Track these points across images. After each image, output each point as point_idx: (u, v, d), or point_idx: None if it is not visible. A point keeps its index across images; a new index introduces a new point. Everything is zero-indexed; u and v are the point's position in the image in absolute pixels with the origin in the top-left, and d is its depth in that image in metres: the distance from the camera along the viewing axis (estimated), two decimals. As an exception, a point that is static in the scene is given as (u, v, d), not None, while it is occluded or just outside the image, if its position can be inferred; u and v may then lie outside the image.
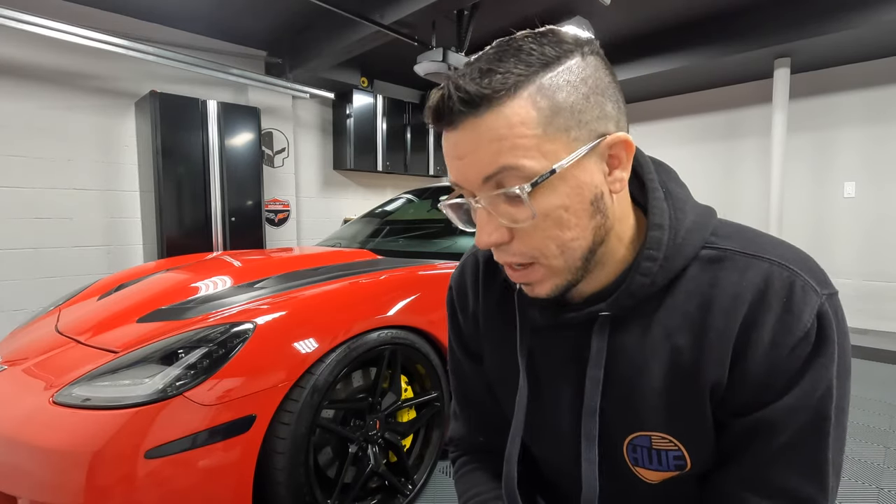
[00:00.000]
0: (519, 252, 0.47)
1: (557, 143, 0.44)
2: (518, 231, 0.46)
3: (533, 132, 0.43)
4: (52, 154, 3.15)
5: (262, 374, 1.17)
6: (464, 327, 0.68)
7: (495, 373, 0.64)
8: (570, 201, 0.45)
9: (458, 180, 0.47)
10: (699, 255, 0.49)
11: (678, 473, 0.51)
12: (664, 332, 0.49)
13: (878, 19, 3.00)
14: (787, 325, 0.44)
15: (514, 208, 0.45)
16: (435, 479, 1.66)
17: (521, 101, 0.43)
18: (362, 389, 1.45)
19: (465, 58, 3.17)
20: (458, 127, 0.45)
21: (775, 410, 0.45)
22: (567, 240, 0.46)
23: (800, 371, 0.44)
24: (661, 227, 0.49)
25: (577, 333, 0.53)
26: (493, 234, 0.47)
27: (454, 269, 0.71)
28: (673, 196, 0.52)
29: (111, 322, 1.43)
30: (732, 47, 3.51)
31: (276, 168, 4.16)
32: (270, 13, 3.42)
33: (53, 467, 1.01)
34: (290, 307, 1.33)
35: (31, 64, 3.04)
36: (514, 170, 0.43)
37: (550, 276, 0.48)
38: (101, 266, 3.38)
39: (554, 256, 0.47)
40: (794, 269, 0.46)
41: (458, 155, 0.46)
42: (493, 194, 0.45)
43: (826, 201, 4.04)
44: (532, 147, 0.43)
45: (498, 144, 0.43)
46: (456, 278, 0.69)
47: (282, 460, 1.18)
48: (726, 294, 0.47)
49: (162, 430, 1.04)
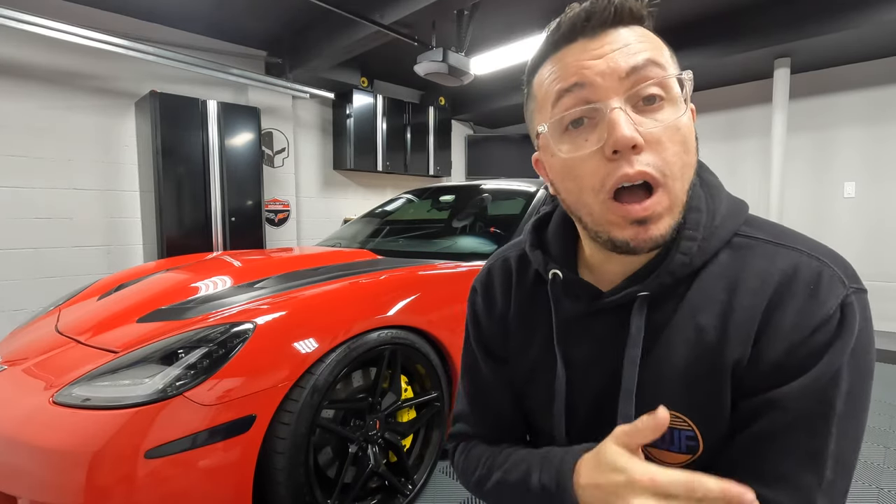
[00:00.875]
0: (652, 161, 0.45)
1: (675, 71, 0.48)
2: (651, 139, 0.45)
3: (667, 54, 0.48)
4: (52, 154, 3.15)
5: (262, 374, 1.17)
6: (486, 329, 0.67)
7: (525, 371, 0.63)
8: (689, 124, 0.48)
9: (590, 80, 0.46)
10: (731, 242, 0.50)
11: (690, 458, 0.50)
12: (690, 312, 0.50)
13: (878, 19, 3.00)
14: (809, 310, 0.44)
15: (657, 112, 0.46)
16: (435, 479, 1.66)
17: (651, 31, 0.49)
18: (362, 389, 1.45)
19: (465, 58, 3.17)
20: (601, 34, 0.47)
21: (782, 392, 0.45)
22: (687, 163, 0.47)
23: (815, 356, 0.44)
24: (699, 210, 0.50)
25: (613, 318, 0.54)
26: (634, 132, 0.45)
27: (478, 272, 0.72)
28: (708, 184, 0.54)
29: (111, 322, 1.43)
30: (732, 47, 3.51)
31: (276, 168, 4.16)
32: (270, 13, 3.42)
33: (53, 467, 1.01)
34: (290, 307, 1.33)
35: (31, 64, 3.04)
36: (659, 67, 0.46)
37: (670, 209, 0.47)
38: (101, 266, 3.38)
39: (677, 178, 0.46)
40: (825, 261, 0.47)
41: (599, 54, 0.46)
42: (641, 87, 0.46)
43: (826, 201, 4.04)
44: (667, 62, 0.47)
45: (645, 44, 0.46)
46: (482, 280, 0.70)
47: (282, 460, 1.18)
48: (754, 276, 0.48)
49: (162, 430, 1.04)
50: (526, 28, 3.44)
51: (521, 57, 3.52)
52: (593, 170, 0.47)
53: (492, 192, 2.46)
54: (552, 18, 0.50)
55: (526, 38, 3.36)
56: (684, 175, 0.47)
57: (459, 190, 2.64)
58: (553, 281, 0.58)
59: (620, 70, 0.45)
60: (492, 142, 5.85)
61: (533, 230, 0.64)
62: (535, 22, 3.39)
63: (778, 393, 0.45)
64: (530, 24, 3.43)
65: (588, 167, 0.47)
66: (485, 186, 2.52)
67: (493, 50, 3.50)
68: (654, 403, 0.49)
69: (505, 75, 4.02)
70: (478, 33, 3.32)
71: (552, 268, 0.58)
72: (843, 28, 3.11)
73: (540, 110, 0.52)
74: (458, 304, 1.65)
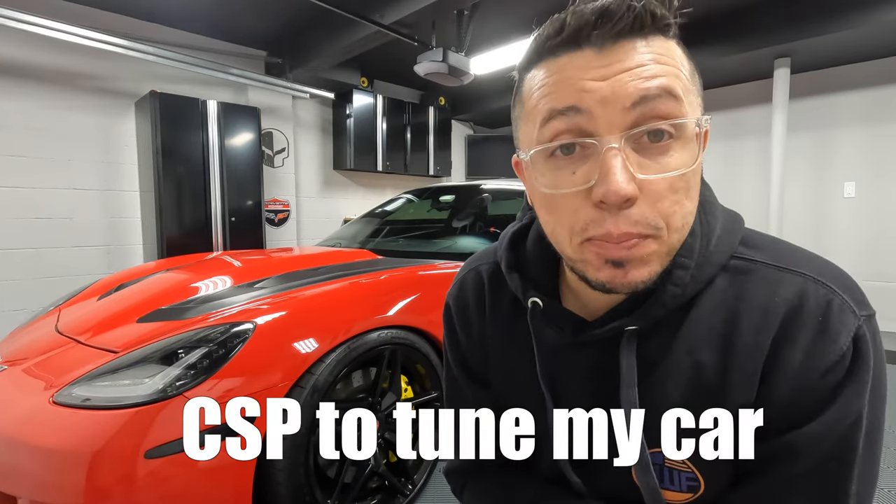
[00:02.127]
0: (644, 219, 0.38)
1: (694, 99, 0.40)
2: (648, 189, 0.38)
3: (685, 75, 0.40)
4: (52, 154, 3.14)
5: (262, 374, 1.17)
6: (466, 350, 0.62)
7: (509, 399, 0.57)
8: (697, 167, 0.40)
9: (588, 107, 0.38)
10: (727, 265, 0.45)
11: (691, 497, 0.48)
12: (686, 347, 0.45)
13: (878, 19, 3.00)
14: (820, 348, 0.40)
15: (663, 155, 0.38)
16: (435, 479, 1.66)
17: (677, 44, 0.41)
18: (362, 389, 1.44)
19: (465, 58, 3.17)
20: (611, 45, 0.38)
21: (799, 436, 0.41)
22: (688, 211, 0.41)
23: (830, 397, 0.40)
24: (693, 234, 0.44)
25: (600, 351, 0.49)
26: (630, 183, 0.37)
27: (450, 287, 0.64)
28: (702, 200, 0.46)
29: (111, 322, 1.43)
30: (732, 47, 3.51)
31: (276, 168, 4.16)
32: (270, 13, 3.42)
33: (53, 467, 1.01)
34: (290, 307, 1.33)
35: (31, 64, 3.03)
36: (673, 100, 0.38)
37: (658, 256, 0.41)
38: (101, 266, 3.38)
39: (676, 229, 0.40)
40: (832, 287, 0.42)
41: (604, 75, 0.38)
42: (646, 129, 0.38)
43: (826, 201, 4.03)
44: (684, 90, 0.39)
45: (665, 67, 0.38)
46: (454, 296, 0.62)
47: (282, 460, 1.18)
48: (755, 309, 0.43)
49: (162, 430, 1.04)
50: (526, 28, 3.44)
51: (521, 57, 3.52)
52: (574, 210, 0.41)
53: (492, 192, 2.47)
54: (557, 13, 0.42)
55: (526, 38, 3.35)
56: (683, 226, 0.41)
57: (459, 190, 2.64)
58: (533, 310, 0.51)
59: (627, 98, 0.38)
60: (492, 142, 5.84)
61: (509, 247, 0.56)
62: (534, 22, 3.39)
63: (793, 437, 0.41)
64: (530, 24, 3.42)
65: (569, 206, 0.41)
66: (485, 186, 2.52)
67: (493, 50, 3.49)
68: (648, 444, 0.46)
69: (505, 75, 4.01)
70: (478, 33, 3.32)
71: (531, 295, 0.51)
72: (843, 28, 3.11)
73: (525, 121, 0.45)
74: (458, 304, 1.65)
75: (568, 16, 0.40)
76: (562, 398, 0.52)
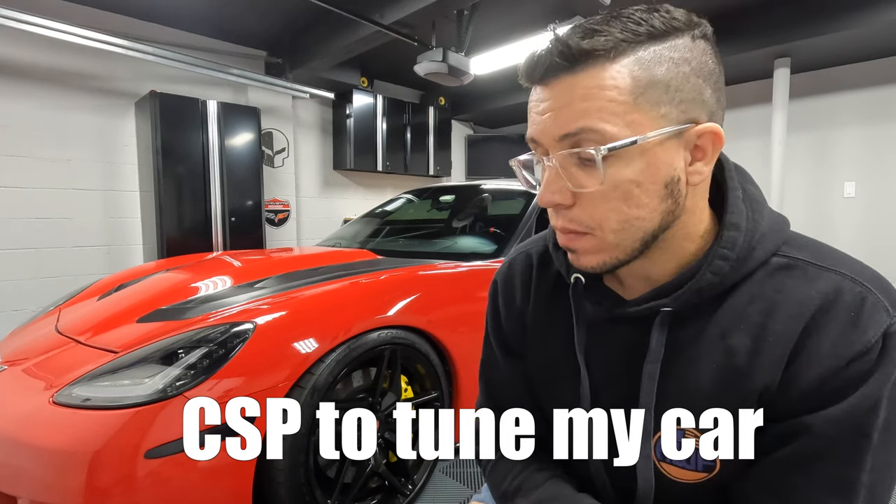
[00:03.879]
0: (577, 219, 0.47)
1: (645, 115, 0.43)
2: (582, 197, 0.46)
3: (623, 99, 0.43)
4: (52, 154, 3.14)
5: (262, 374, 1.17)
6: (505, 324, 0.67)
7: (543, 370, 0.62)
8: (644, 178, 0.45)
9: (535, 136, 0.48)
10: (769, 262, 0.48)
11: (705, 477, 0.50)
12: (720, 332, 0.48)
13: (878, 19, 3.00)
14: (849, 338, 0.43)
15: (584, 173, 0.45)
16: (435, 479, 1.66)
17: (618, 67, 0.43)
18: (362, 389, 1.44)
19: (465, 58, 3.17)
20: (550, 82, 0.45)
21: (817, 418, 0.43)
22: (631, 217, 0.46)
23: (853, 385, 0.42)
24: (737, 228, 0.48)
25: (635, 328, 0.52)
26: (556, 194, 0.47)
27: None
28: (751, 198, 0.51)
29: (111, 322, 1.43)
30: (732, 47, 3.51)
31: (276, 168, 4.16)
32: (271, 13, 3.42)
33: (53, 467, 1.01)
34: (291, 307, 1.33)
35: (30, 64, 3.03)
36: (595, 133, 0.43)
37: (600, 249, 0.48)
38: (101, 266, 3.38)
39: (612, 231, 0.47)
40: (868, 287, 0.45)
41: (542, 110, 0.46)
42: (566, 153, 0.45)
43: (826, 201, 4.03)
44: (619, 114, 0.43)
45: (585, 105, 0.43)
46: (503, 273, 0.69)
47: (282, 460, 1.18)
48: (791, 300, 0.46)
49: (162, 430, 1.04)
50: (526, 28, 3.44)
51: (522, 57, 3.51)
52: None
53: (492, 192, 2.47)
54: (552, 19, 0.49)
55: (526, 39, 3.35)
56: (627, 227, 0.46)
57: (459, 190, 2.64)
58: (575, 285, 0.56)
59: (554, 137, 0.45)
60: (492, 142, 5.85)
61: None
62: (535, 22, 3.39)
63: (810, 418, 0.43)
64: (530, 24, 3.42)
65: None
66: (485, 186, 2.52)
67: (493, 50, 3.49)
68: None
69: (505, 75, 4.02)
70: (478, 33, 3.32)
71: (575, 271, 0.56)
72: (843, 28, 3.11)
73: None
74: (459, 304, 1.65)
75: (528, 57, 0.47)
76: (593, 368, 0.56)
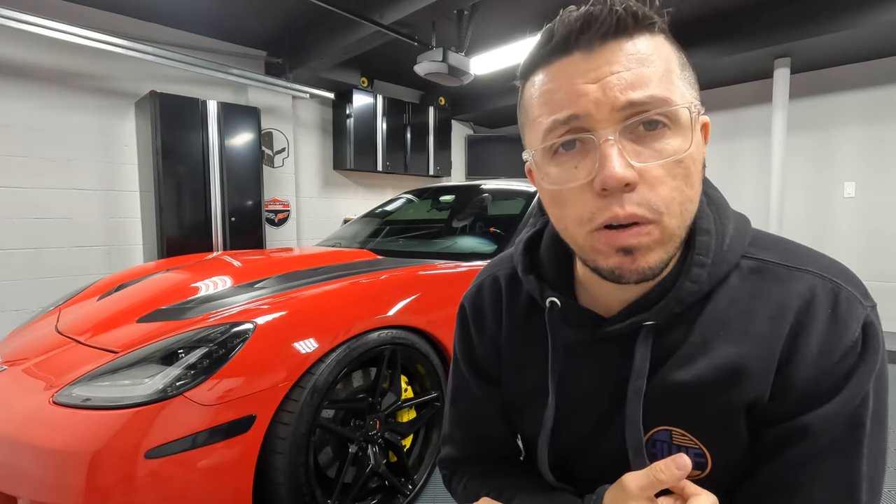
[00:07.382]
0: (647, 202, 0.41)
1: (688, 91, 0.43)
2: (647, 175, 0.41)
3: (677, 71, 0.42)
4: (52, 154, 3.14)
5: (262, 374, 1.17)
6: (478, 349, 0.64)
7: (520, 396, 0.60)
8: (697, 154, 0.43)
9: (585, 110, 0.41)
10: (739, 264, 0.48)
11: (699, 475, 0.49)
12: (703, 340, 0.47)
13: (878, 19, 3.00)
14: (835, 335, 0.43)
15: (657, 141, 0.41)
16: (435, 479, 1.66)
17: (665, 39, 0.43)
18: (362, 389, 1.45)
19: (465, 58, 3.17)
20: (598, 49, 0.41)
21: (813, 418, 0.44)
22: (687, 198, 0.43)
23: (843, 380, 0.43)
24: (708, 233, 0.48)
25: (617, 346, 0.51)
26: (628, 168, 0.40)
27: (468, 289, 0.67)
28: (714, 202, 0.50)
29: (111, 322, 1.43)
30: (732, 47, 3.51)
31: (276, 168, 4.16)
32: (271, 13, 3.42)
33: (53, 467, 1.01)
34: (291, 307, 1.33)
35: (30, 64, 3.03)
36: (664, 102, 0.40)
37: (662, 243, 0.43)
38: (101, 266, 3.38)
39: (675, 215, 0.42)
40: (838, 282, 0.46)
41: (595, 78, 0.41)
42: (639, 119, 0.40)
43: (826, 201, 4.03)
44: (677, 84, 0.42)
45: (648, 70, 0.40)
46: (471, 298, 0.65)
47: (282, 460, 1.18)
48: (770, 304, 0.46)
49: (162, 430, 1.04)
50: (526, 28, 3.44)
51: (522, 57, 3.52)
52: (581, 203, 0.43)
53: (492, 192, 2.47)
54: (552, 19, 0.45)
55: (526, 39, 3.35)
56: (684, 211, 0.43)
57: (459, 190, 2.64)
58: (551, 309, 0.53)
59: (616, 103, 0.40)
60: (492, 142, 5.84)
61: (525, 251, 0.59)
62: (535, 22, 3.39)
63: (808, 418, 0.44)
64: (530, 24, 3.42)
65: (576, 199, 0.44)
66: (485, 186, 2.52)
67: (493, 50, 3.50)
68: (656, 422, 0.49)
69: (505, 75, 4.02)
70: (478, 33, 3.32)
71: (549, 295, 0.53)
72: (843, 28, 3.11)
73: (530, 129, 0.47)
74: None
75: (556, 24, 0.43)
76: (572, 393, 0.54)
